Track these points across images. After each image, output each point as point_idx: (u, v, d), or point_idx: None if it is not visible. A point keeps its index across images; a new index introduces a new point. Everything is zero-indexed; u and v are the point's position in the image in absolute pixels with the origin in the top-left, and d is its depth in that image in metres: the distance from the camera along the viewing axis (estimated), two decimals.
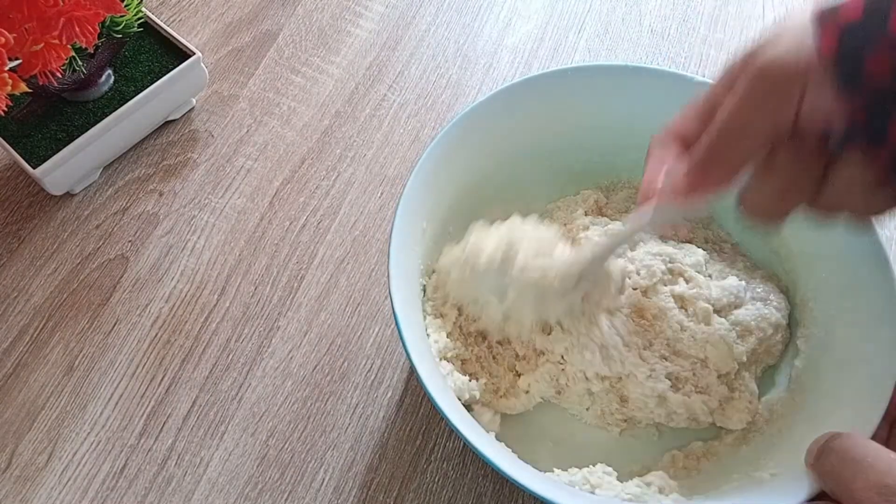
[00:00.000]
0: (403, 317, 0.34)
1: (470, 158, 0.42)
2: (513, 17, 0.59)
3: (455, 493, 0.40)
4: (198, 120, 0.53)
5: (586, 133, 0.45)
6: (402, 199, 0.37)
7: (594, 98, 0.43)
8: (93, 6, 0.37)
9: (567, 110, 0.44)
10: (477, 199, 0.43)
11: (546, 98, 0.43)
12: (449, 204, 0.42)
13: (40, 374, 0.43)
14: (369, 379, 0.43)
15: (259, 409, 0.42)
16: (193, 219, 0.49)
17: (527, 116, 0.43)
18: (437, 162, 0.40)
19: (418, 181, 0.38)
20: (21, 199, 0.50)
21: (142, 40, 0.51)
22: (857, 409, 0.34)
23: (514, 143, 0.44)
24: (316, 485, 0.40)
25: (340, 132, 0.53)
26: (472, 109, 0.41)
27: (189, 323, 0.45)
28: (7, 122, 0.47)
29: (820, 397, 0.37)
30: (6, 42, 0.35)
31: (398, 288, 0.35)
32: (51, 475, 0.40)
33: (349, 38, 0.58)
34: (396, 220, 0.36)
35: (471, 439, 0.31)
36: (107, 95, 0.49)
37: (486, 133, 0.42)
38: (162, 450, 0.41)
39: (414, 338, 0.35)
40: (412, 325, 0.35)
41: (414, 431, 0.42)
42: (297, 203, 0.50)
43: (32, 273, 0.47)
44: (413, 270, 0.39)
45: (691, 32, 0.59)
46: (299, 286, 0.46)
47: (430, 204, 0.40)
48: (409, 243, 0.38)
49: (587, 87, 0.43)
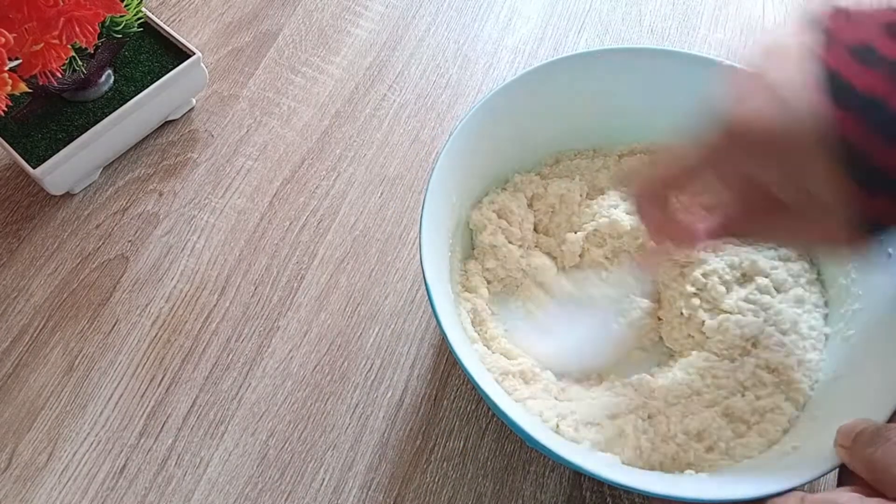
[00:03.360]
0: (435, 287, 0.36)
1: (496, 137, 0.44)
2: (513, 17, 0.59)
3: (455, 493, 0.40)
4: (198, 120, 0.53)
5: (608, 112, 0.47)
6: (434, 173, 0.39)
7: (615, 79, 0.45)
8: (93, 6, 0.37)
9: (589, 92, 0.46)
10: (497, 175, 0.46)
11: (570, 80, 0.45)
12: (474, 180, 0.44)
13: (40, 374, 0.43)
14: (369, 379, 0.43)
15: (259, 409, 0.42)
16: (193, 219, 0.49)
17: (553, 97, 0.45)
18: (468, 138, 0.41)
19: (450, 155, 0.40)
20: (21, 199, 0.50)
21: (142, 40, 0.51)
22: (879, 391, 0.35)
23: (539, 123, 0.46)
24: (316, 485, 0.40)
25: (340, 132, 0.53)
26: (499, 91, 0.43)
27: (189, 323, 0.45)
28: (7, 122, 0.47)
29: (844, 376, 0.38)
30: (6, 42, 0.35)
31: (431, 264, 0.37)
32: (51, 475, 0.40)
33: (349, 38, 0.58)
34: (428, 194, 0.38)
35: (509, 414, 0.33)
36: (107, 95, 0.49)
37: (513, 113, 0.44)
38: (162, 450, 0.41)
39: (446, 309, 0.36)
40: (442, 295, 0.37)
41: (414, 431, 0.42)
42: (297, 203, 0.50)
43: (32, 273, 0.47)
44: (443, 245, 0.40)
45: (691, 32, 0.59)
46: (299, 286, 0.46)
47: (458, 178, 0.42)
48: (440, 219, 0.40)
49: (609, 68, 0.45)
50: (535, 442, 0.33)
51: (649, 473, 0.35)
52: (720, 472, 0.36)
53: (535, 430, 0.33)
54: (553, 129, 0.47)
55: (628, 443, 0.37)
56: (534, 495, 0.40)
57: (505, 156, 0.46)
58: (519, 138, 0.45)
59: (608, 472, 0.32)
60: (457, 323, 0.39)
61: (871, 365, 0.37)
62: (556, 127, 0.46)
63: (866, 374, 0.37)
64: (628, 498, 0.40)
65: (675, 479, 0.35)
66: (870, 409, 0.33)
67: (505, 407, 0.33)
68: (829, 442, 0.32)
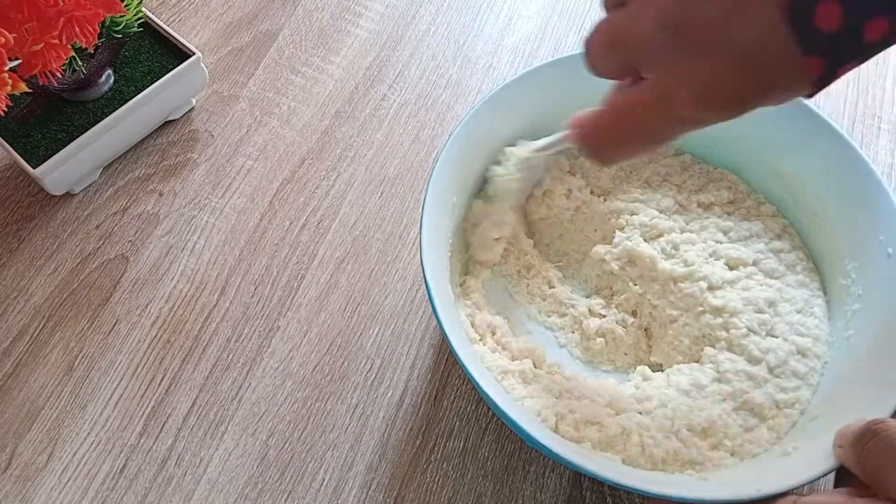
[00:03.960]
0: (435, 287, 0.36)
1: (496, 136, 0.44)
2: (513, 17, 0.59)
3: (455, 493, 0.40)
4: (198, 120, 0.53)
5: None
6: (434, 173, 0.39)
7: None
8: (93, 6, 0.37)
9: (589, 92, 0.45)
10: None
11: (570, 80, 0.44)
12: (474, 179, 0.44)
13: (40, 374, 0.43)
14: (369, 379, 0.43)
15: (259, 409, 0.42)
16: (193, 219, 0.49)
17: (553, 96, 0.45)
18: (467, 138, 0.42)
19: (450, 155, 0.40)
20: (21, 199, 0.50)
21: (142, 40, 0.51)
22: (880, 391, 0.35)
23: (539, 122, 0.45)
24: (316, 485, 0.40)
25: (340, 132, 0.53)
26: (501, 90, 0.43)
27: (189, 323, 0.45)
28: (7, 122, 0.47)
29: (844, 376, 0.38)
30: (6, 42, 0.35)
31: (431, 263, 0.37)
32: (51, 475, 0.40)
33: (349, 38, 0.58)
34: (428, 195, 0.38)
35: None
36: (107, 95, 0.49)
37: (514, 111, 0.44)
38: (162, 450, 0.41)
39: (446, 309, 0.36)
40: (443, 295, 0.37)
41: (414, 431, 0.42)
42: (297, 203, 0.50)
43: (32, 273, 0.47)
44: (443, 244, 0.40)
45: None
46: (299, 286, 0.46)
47: (459, 179, 0.42)
48: (440, 219, 0.40)
49: None
50: (535, 442, 0.33)
51: (649, 473, 0.35)
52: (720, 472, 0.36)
53: (535, 429, 0.33)
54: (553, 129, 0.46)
55: (630, 440, 0.37)
56: (534, 495, 0.40)
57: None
58: (519, 138, 0.45)
59: (608, 472, 0.32)
60: (457, 323, 0.39)
61: (871, 365, 0.37)
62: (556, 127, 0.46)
63: (866, 374, 0.37)
64: (628, 498, 0.40)
65: (674, 479, 0.35)
66: (870, 409, 0.33)
67: (505, 407, 0.33)
68: (828, 442, 0.33)
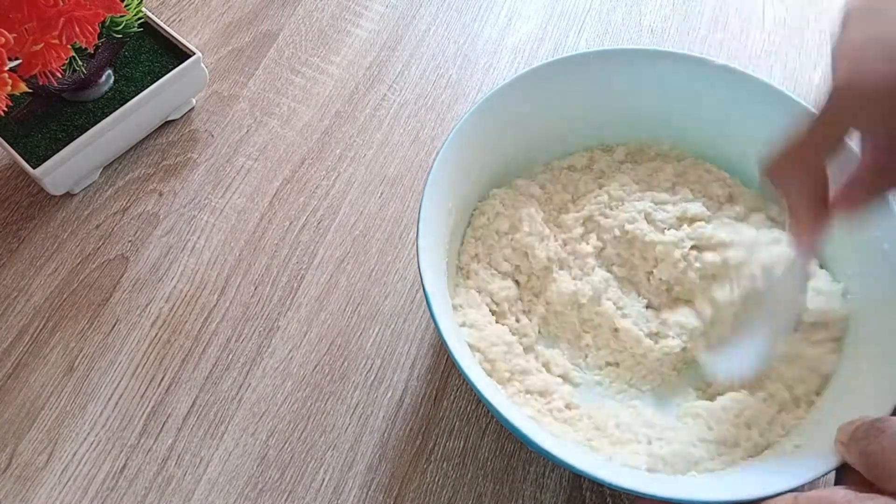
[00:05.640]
0: (434, 294, 0.36)
1: (492, 140, 0.44)
2: (513, 17, 0.59)
3: (455, 493, 0.40)
4: (198, 120, 0.53)
5: (608, 112, 0.47)
6: (429, 179, 0.39)
7: (614, 79, 0.45)
8: (93, 6, 0.37)
9: (589, 92, 0.46)
10: (493, 179, 0.46)
11: (570, 80, 0.45)
12: (470, 184, 0.44)
13: (40, 374, 0.43)
14: (369, 379, 0.43)
15: (259, 409, 0.42)
16: (193, 219, 0.49)
17: (548, 99, 0.45)
18: (462, 143, 0.41)
19: (445, 160, 0.40)
20: (21, 199, 0.50)
21: (142, 40, 0.51)
22: (880, 388, 0.35)
23: (535, 125, 0.46)
24: (316, 485, 0.40)
25: (340, 132, 0.53)
26: (497, 92, 0.42)
27: (189, 323, 0.45)
28: (7, 122, 0.47)
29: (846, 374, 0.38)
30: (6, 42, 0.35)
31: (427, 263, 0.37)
32: (51, 475, 0.40)
33: (349, 38, 0.58)
34: (424, 200, 0.38)
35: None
36: (107, 95, 0.49)
37: (512, 113, 0.44)
38: (162, 450, 0.41)
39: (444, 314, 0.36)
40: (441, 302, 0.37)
41: (414, 431, 0.42)
42: (297, 203, 0.50)
43: (32, 273, 0.47)
44: (440, 250, 0.40)
45: (691, 32, 0.59)
46: (299, 286, 0.46)
47: (456, 179, 0.42)
48: (436, 226, 0.40)
49: (605, 71, 0.45)
50: (534, 444, 0.33)
51: (649, 474, 0.35)
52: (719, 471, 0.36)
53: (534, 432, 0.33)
54: (553, 129, 0.46)
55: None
56: (534, 495, 0.40)
57: (504, 156, 0.45)
58: (518, 138, 0.45)
59: (607, 475, 0.32)
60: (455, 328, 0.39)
61: (871, 365, 0.37)
62: (556, 127, 0.46)
63: (866, 374, 0.37)
64: (628, 499, 0.40)
65: (675, 481, 0.35)
66: (870, 409, 0.33)
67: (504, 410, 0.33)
68: (829, 441, 0.33)
